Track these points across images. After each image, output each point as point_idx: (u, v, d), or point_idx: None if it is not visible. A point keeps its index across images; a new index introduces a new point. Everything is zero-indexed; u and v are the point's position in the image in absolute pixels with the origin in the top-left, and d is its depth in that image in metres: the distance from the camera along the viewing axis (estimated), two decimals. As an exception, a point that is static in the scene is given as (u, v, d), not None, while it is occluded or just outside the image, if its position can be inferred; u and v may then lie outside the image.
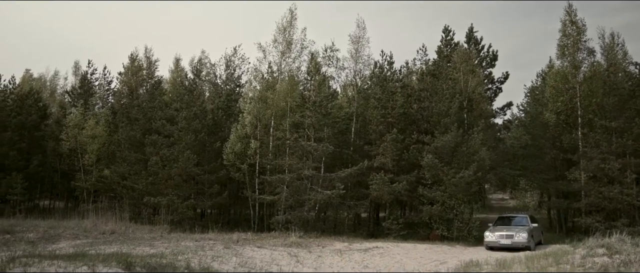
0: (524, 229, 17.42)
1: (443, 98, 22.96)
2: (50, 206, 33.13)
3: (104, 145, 29.19)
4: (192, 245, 16.08)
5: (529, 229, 17.49)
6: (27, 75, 40.71)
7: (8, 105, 30.19)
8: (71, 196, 32.93)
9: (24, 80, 38.49)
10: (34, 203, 31.35)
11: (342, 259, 14.98)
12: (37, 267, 9.18)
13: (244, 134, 23.92)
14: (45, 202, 34.31)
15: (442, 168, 20.95)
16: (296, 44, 25.13)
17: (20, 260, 9.66)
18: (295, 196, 21.73)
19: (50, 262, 9.60)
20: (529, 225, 18.06)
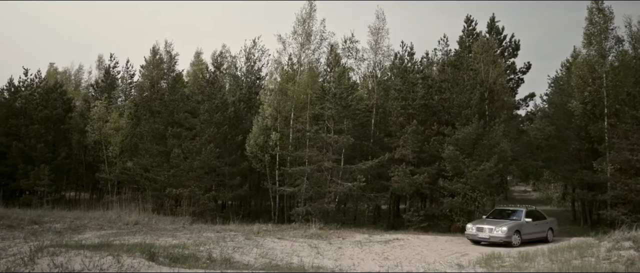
0: (507, 224, 16.69)
1: (464, 89, 22.68)
2: (75, 197, 33.86)
3: (127, 138, 29.66)
4: (214, 236, 16.27)
5: (514, 224, 16.73)
6: (52, 69, 41.48)
7: (34, 98, 30.83)
8: (96, 188, 33.60)
9: (49, 74, 39.24)
10: (60, 195, 32.06)
11: (363, 251, 14.99)
12: (64, 256, 9.40)
13: (264, 125, 24.03)
14: (71, 193, 35.08)
15: (463, 160, 20.74)
16: (316, 35, 25.08)
17: (48, 250, 9.92)
18: (316, 188, 21.77)
19: (77, 251, 9.83)
20: (519, 220, 17.12)
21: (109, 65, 38.28)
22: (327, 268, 11.80)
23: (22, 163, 27.40)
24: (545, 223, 17.85)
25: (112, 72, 37.94)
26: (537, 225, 17.41)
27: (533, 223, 17.25)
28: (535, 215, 17.89)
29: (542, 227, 17.62)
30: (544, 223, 17.80)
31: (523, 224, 16.95)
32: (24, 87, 31.86)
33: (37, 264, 8.92)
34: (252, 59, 32.32)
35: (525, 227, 16.88)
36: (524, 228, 16.81)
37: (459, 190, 20.75)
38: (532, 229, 17.13)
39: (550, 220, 18.32)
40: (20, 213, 19.76)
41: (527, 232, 16.85)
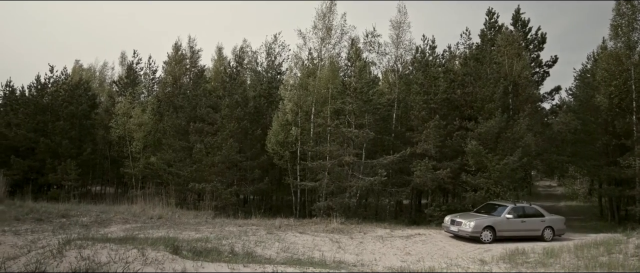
0: (478, 219, 16.35)
1: (487, 83, 22.37)
2: (101, 191, 34.54)
3: (150, 133, 30.07)
4: (236, 230, 16.40)
5: (487, 220, 16.33)
6: (77, 66, 42.19)
7: (60, 95, 31.47)
8: (120, 182, 34.21)
9: (74, 71, 39.94)
10: (86, 189, 32.77)
11: (384, 245, 14.94)
12: (91, 249, 9.58)
13: (285, 121, 24.08)
14: (96, 187, 35.78)
15: (486, 154, 20.48)
16: (336, 29, 25.00)
17: (75, 243, 10.11)
18: (337, 182, 21.76)
19: (103, 244, 10.00)
20: (498, 216, 16.53)
21: (132, 61, 38.81)
22: (348, 262, 11.80)
23: (49, 159, 28.05)
24: (539, 221, 16.84)
25: (135, 68, 38.46)
26: (524, 223, 16.64)
27: (517, 221, 16.55)
28: (527, 213, 17.00)
29: (534, 225, 16.75)
30: (538, 222, 16.83)
31: (501, 221, 16.39)
32: (50, 84, 32.55)
33: (65, 257, 9.10)
34: (273, 54, 32.45)
35: (504, 224, 16.32)
36: (501, 225, 16.28)
37: (481, 185, 20.51)
38: (514, 226, 16.46)
39: (550, 219, 17.07)
40: (48, 207, 20.23)
41: (505, 229, 16.30)
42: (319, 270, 9.27)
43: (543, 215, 17.14)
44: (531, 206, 17.57)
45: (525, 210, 17.15)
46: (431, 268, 11.29)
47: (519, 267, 11.33)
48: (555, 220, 17.35)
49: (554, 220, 17.31)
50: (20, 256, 10.00)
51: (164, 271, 8.48)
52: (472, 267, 11.68)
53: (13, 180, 26.44)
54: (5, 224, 15.55)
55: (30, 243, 12.57)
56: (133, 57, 38.83)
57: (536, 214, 17.12)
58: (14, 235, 13.81)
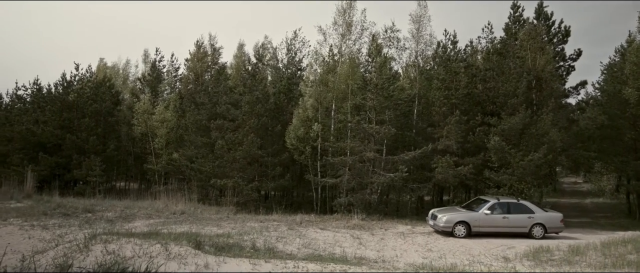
0: (453, 214, 16.51)
1: (510, 78, 22.03)
2: (125, 187, 35.13)
3: (172, 130, 30.44)
4: (257, 226, 16.52)
5: (461, 215, 16.37)
6: (102, 64, 42.93)
7: (85, 93, 32.06)
8: (144, 178, 34.73)
9: (99, 69, 40.66)
10: (111, 185, 33.34)
11: (405, 242, 14.87)
12: (116, 244, 9.76)
13: (305, 117, 24.12)
14: (121, 183, 36.40)
15: (510, 150, 20.19)
16: (356, 25, 24.86)
17: (101, 237, 10.32)
18: (358, 179, 21.71)
19: (127, 239, 10.18)
20: (476, 212, 16.50)
21: (155, 59, 39.32)
22: (369, 259, 11.78)
23: (75, 155, 28.63)
24: (526, 218, 16.42)
25: (157, 66, 38.96)
26: (506, 219, 16.38)
27: (497, 217, 16.36)
28: (512, 209, 16.62)
29: (519, 222, 16.41)
30: (525, 219, 16.41)
31: (477, 216, 16.32)
32: (75, 81, 33.17)
33: (91, 251, 9.29)
34: (293, 50, 32.49)
35: (480, 220, 16.24)
36: (478, 221, 16.23)
37: (505, 181, 20.24)
38: (494, 223, 16.30)
39: (541, 216, 16.51)
40: (74, 202, 20.68)
41: (482, 225, 16.23)
42: (340, 266, 9.27)
43: (532, 211, 16.61)
44: (519, 202, 16.99)
45: (511, 206, 16.74)
46: (453, 265, 11.19)
47: (543, 265, 11.14)
48: (548, 217, 16.70)
49: (547, 217, 16.67)
50: (48, 250, 10.25)
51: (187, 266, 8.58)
52: (495, 265, 11.54)
53: (41, 176, 27.10)
54: (34, 219, 15.96)
55: (57, 237, 12.88)
56: (156, 55, 39.36)
57: (523, 211, 16.62)
58: (42, 229, 14.16)
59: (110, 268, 4.64)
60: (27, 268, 4.51)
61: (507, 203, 16.81)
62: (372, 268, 9.85)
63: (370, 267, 9.90)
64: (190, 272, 8.13)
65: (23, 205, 18.76)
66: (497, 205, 16.67)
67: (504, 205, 16.74)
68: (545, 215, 16.69)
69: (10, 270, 4.35)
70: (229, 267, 8.68)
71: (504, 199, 17.25)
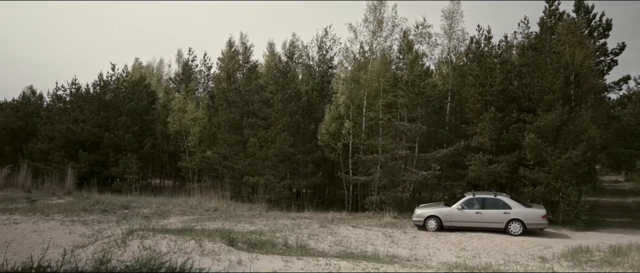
0: (427, 208, 17.31)
1: (546, 73, 21.42)
2: (160, 184, 35.90)
3: (205, 128, 30.92)
4: (289, 223, 16.62)
5: (432, 210, 17.02)
6: (137, 64, 43.97)
7: (122, 92, 32.87)
8: (178, 175, 35.40)
9: (134, 69, 41.67)
10: (146, 182, 34.13)
11: (438, 240, 14.69)
12: (152, 239, 10.00)
13: (337, 114, 24.11)
14: (156, 180, 37.23)
15: (546, 148, 19.66)
16: (387, 22, 24.66)
17: (138, 233, 10.59)
18: (389, 176, 21.58)
19: (163, 235, 10.41)
20: (449, 206, 16.97)
21: (188, 58, 40.02)
22: (402, 257, 11.69)
23: (112, 153, 29.41)
24: (501, 213, 16.34)
25: (190, 65, 39.63)
26: (480, 215, 16.51)
27: (470, 212, 16.60)
28: (488, 204, 16.65)
29: (494, 217, 16.40)
30: (500, 214, 16.35)
31: (449, 211, 16.80)
32: (112, 81, 34.06)
33: (129, 246, 9.55)
34: (324, 47, 32.50)
35: (452, 215, 16.70)
36: (449, 216, 16.72)
37: (541, 179, 19.72)
38: (466, 218, 16.60)
39: (519, 212, 16.29)
40: (112, 198, 21.29)
41: (454, 219, 16.67)
42: (373, 265, 9.23)
43: (509, 207, 16.39)
44: (495, 197, 16.83)
45: (486, 201, 16.78)
46: (488, 264, 10.99)
47: (582, 266, 10.82)
48: (527, 213, 16.36)
49: (525, 213, 16.34)
50: (88, 245, 10.58)
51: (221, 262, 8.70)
52: (532, 265, 11.27)
53: (80, 173, 27.98)
54: (74, 214, 16.51)
55: (96, 232, 13.29)
56: (188, 54, 40.04)
57: (499, 206, 16.52)
58: (82, 225, 14.64)
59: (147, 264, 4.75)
60: (67, 262, 4.66)
61: (483, 199, 16.93)
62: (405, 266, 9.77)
63: (402, 266, 9.82)
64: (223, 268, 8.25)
65: (64, 201, 19.42)
66: (473, 200, 16.96)
67: (480, 200, 16.92)
68: (523, 210, 16.44)
69: (53, 263, 4.50)
70: (261, 264, 8.77)
71: (480, 194, 17.33)
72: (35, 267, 4.23)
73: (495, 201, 16.69)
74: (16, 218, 15.43)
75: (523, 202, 17.30)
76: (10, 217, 15.60)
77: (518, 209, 16.39)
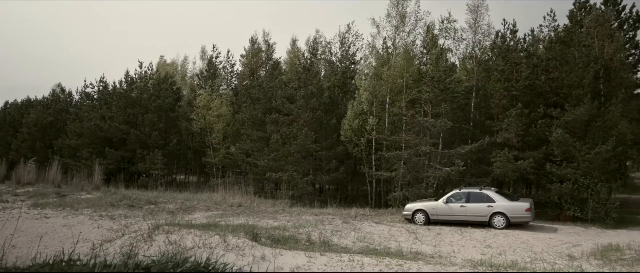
0: (416, 203, 17.88)
1: (575, 67, 20.91)
2: (185, 180, 36.43)
3: (229, 124, 31.20)
4: (312, 219, 16.65)
5: (421, 204, 17.50)
6: (162, 62, 44.55)
7: (148, 89, 33.42)
8: (203, 171, 35.86)
9: (160, 67, 42.23)
10: (172, 178, 34.66)
11: (463, 238, 14.53)
12: (177, 235, 10.15)
13: (360, 110, 24.03)
14: (181, 176, 37.78)
15: (574, 144, 19.22)
16: (410, 17, 24.41)
17: (164, 228, 10.77)
18: (413, 173, 21.42)
19: (188, 230, 10.56)
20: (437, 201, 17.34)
21: (212, 55, 40.30)
22: (426, 254, 11.60)
23: (139, 149, 29.95)
24: (486, 207, 16.45)
25: (214, 62, 39.95)
26: (464, 209, 16.71)
27: (455, 206, 16.85)
28: (473, 199, 16.81)
29: (478, 211, 16.52)
30: (484, 208, 16.47)
31: (436, 205, 17.16)
32: (139, 79, 34.64)
33: (155, 241, 9.72)
34: (347, 44, 32.39)
35: (439, 209, 17.03)
36: (436, 210, 17.07)
37: (569, 176, 19.30)
38: (452, 212, 16.85)
39: (502, 206, 16.37)
40: (139, 194, 21.69)
41: (440, 213, 16.99)
42: (396, 261, 9.18)
43: (493, 201, 16.50)
44: (480, 192, 16.99)
45: (471, 196, 16.99)
46: (514, 262, 10.81)
47: (613, 265, 10.56)
48: (510, 207, 16.40)
49: (509, 207, 16.40)
50: (115, 239, 10.81)
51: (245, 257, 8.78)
52: (560, 263, 11.06)
53: (108, 169, 28.59)
54: (102, 209, 16.88)
55: (123, 227, 13.56)
56: (213, 52, 40.36)
57: (483, 200, 16.67)
58: (110, 220, 14.96)
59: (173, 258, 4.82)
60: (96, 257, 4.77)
61: (468, 193, 17.17)
62: (429, 264, 9.69)
63: (426, 263, 9.74)
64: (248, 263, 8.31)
65: (92, 197, 19.87)
66: (458, 194, 17.22)
67: (465, 194, 17.14)
68: (506, 204, 16.48)
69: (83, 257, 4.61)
70: (285, 260, 8.81)
71: (466, 189, 17.70)
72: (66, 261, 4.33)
73: (480, 195, 16.89)
74: (47, 213, 15.86)
75: (509, 196, 17.49)
76: (41, 211, 16.04)
77: (502, 203, 16.56)
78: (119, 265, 4.40)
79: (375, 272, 8.35)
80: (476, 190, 17.32)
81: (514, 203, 16.64)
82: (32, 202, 18.04)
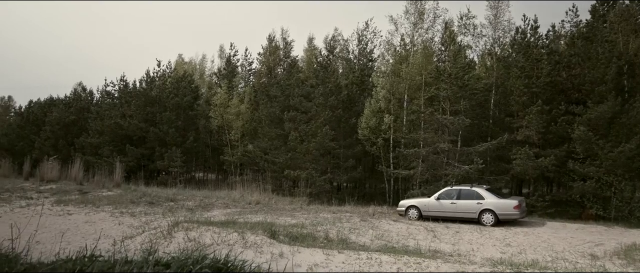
0: (408, 199, 18.35)
1: (598, 63, 20.51)
2: (203, 178, 36.73)
3: (247, 122, 31.37)
4: (330, 217, 16.63)
5: (414, 201, 17.86)
6: (180, 60, 44.95)
7: (167, 87, 33.77)
8: (221, 169, 36.12)
9: (178, 65, 42.62)
10: (190, 175, 35.03)
11: (482, 236, 14.36)
12: (196, 231, 10.23)
13: (377, 108, 23.93)
14: (199, 174, 38.10)
15: (597, 141, 18.86)
16: (428, 13, 24.27)
17: (183, 225, 10.86)
18: (431, 170, 21.26)
19: (207, 227, 10.64)
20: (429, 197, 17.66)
21: (230, 54, 40.58)
22: (444, 252, 11.49)
23: (158, 147, 30.29)
24: (475, 204, 16.54)
25: (232, 61, 40.19)
26: (455, 205, 16.88)
27: (446, 203, 17.04)
28: (463, 196, 16.97)
29: (468, 208, 16.66)
30: (474, 205, 16.57)
31: (428, 202, 17.46)
32: (157, 77, 35.02)
33: (174, 238, 9.81)
34: (364, 41, 32.29)
35: (430, 205, 17.32)
36: (427, 206, 17.36)
37: (591, 174, 18.96)
38: (442, 208, 17.07)
39: (490, 202, 16.37)
40: (158, 191, 21.92)
41: (431, 209, 17.25)
42: (415, 259, 9.12)
43: (482, 197, 16.54)
44: (471, 189, 17.03)
45: (462, 192, 17.14)
46: (534, 261, 10.64)
47: (637, 264, 10.33)
48: (499, 203, 16.37)
49: (497, 203, 16.37)
50: (136, 235, 10.94)
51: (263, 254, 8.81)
52: (581, 262, 10.85)
53: (128, 166, 28.97)
54: (123, 206, 17.10)
55: (143, 224, 13.71)
56: (230, 50, 40.61)
57: (473, 197, 16.79)
58: (130, 216, 15.15)
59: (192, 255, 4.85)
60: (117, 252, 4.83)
61: (459, 190, 17.31)
62: (448, 262, 9.59)
63: (445, 261, 9.64)
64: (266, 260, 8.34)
65: (113, 194, 20.14)
66: (450, 191, 17.42)
67: (456, 191, 17.30)
68: (495, 201, 16.47)
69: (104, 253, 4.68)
70: (302, 257, 8.81)
71: (457, 186, 17.85)
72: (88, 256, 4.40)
73: (470, 192, 17.01)
74: (70, 209, 16.13)
75: (500, 194, 17.59)
76: (64, 208, 16.32)
77: (490, 200, 16.57)
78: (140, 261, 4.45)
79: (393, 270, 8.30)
80: (467, 187, 17.45)
81: (502, 200, 16.71)
82: (55, 198, 18.37)
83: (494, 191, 17.36)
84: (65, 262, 4.26)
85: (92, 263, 4.23)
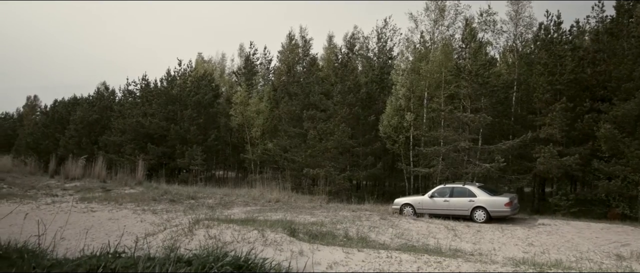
0: (404, 198, 18.68)
1: (624, 60, 20.02)
2: (224, 176, 37.01)
3: (267, 120, 31.49)
4: (349, 215, 16.60)
5: (409, 199, 18.23)
6: (200, 59, 45.31)
7: (187, 86, 34.11)
8: (241, 167, 36.37)
9: (198, 63, 42.99)
10: (211, 173, 35.32)
11: (504, 235, 14.17)
12: (217, 229, 10.32)
13: (397, 106, 23.79)
14: (219, 172, 38.39)
15: (623, 139, 18.42)
16: (449, 10, 24.04)
17: (203, 223, 10.97)
18: (452, 169, 21.06)
19: (227, 225, 10.72)
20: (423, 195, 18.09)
21: (249, 52, 40.74)
22: (465, 251, 11.38)
23: (179, 145, 30.63)
24: (467, 201, 16.76)
25: (252, 59, 40.36)
26: (448, 203, 17.15)
27: (439, 200, 17.31)
28: (455, 193, 17.26)
29: (461, 205, 16.89)
30: (466, 202, 16.78)
31: (422, 199, 17.75)
32: (178, 76, 35.40)
33: (195, 235, 9.91)
34: (384, 38, 32.12)
35: (424, 203, 17.55)
36: (421, 204, 17.58)
37: (617, 172, 18.53)
38: (436, 206, 17.30)
39: (481, 200, 16.55)
40: (179, 189, 22.18)
41: (425, 207, 17.43)
42: (435, 258, 9.04)
43: (474, 195, 16.78)
44: (464, 186, 17.39)
45: (454, 190, 17.47)
46: (558, 261, 10.45)
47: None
48: (490, 201, 16.53)
49: (488, 201, 16.54)
50: (158, 233, 11.09)
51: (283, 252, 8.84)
52: (607, 263, 10.63)
53: (150, 164, 29.36)
54: (145, 204, 17.35)
55: (165, 221, 13.88)
56: (250, 48, 40.79)
57: (465, 194, 17.04)
58: (152, 214, 15.36)
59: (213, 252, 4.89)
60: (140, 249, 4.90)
61: (452, 188, 17.66)
62: (468, 261, 9.49)
63: (466, 260, 9.54)
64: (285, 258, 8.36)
65: (135, 191, 20.45)
66: (443, 189, 17.77)
67: (448, 189, 17.68)
68: (487, 199, 16.62)
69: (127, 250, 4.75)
70: (322, 255, 8.81)
71: (450, 184, 18.21)
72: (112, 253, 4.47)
73: (463, 190, 17.27)
74: (93, 206, 16.42)
75: (492, 191, 17.58)
76: (88, 205, 16.63)
77: (482, 197, 16.74)
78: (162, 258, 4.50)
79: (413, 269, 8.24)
80: (460, 184, 17.74)
81: (494, 197, 16.78)
82: (79, 195, 18.73)
83: (485, 189, 17.50)
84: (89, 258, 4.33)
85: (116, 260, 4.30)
